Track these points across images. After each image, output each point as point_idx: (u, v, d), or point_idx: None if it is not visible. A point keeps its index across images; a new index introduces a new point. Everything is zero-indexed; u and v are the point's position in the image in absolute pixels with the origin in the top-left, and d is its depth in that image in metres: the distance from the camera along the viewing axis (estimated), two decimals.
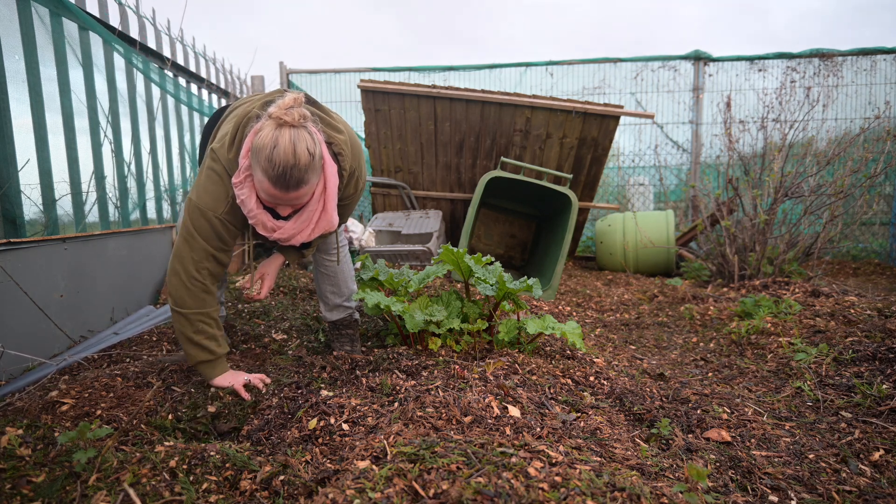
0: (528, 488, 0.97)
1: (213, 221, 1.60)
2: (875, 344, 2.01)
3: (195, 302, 1.63)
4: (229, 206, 1.61)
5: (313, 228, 1.65)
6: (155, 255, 2.96)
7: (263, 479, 1.15)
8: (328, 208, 1.65)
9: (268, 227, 1.60)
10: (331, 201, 1.64)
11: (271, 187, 1.47)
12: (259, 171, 1.46)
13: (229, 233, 1.66)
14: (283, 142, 1.42)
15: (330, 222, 1.67)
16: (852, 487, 1.20)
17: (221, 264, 1.68)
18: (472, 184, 4.59)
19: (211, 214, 1.60)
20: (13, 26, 2.18)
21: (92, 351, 1.98)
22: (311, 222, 1.64)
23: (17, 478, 1.13)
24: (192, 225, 1.60)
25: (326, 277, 2.15)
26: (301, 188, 1.50)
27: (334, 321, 2.20)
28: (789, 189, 3.69)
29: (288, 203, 1.54)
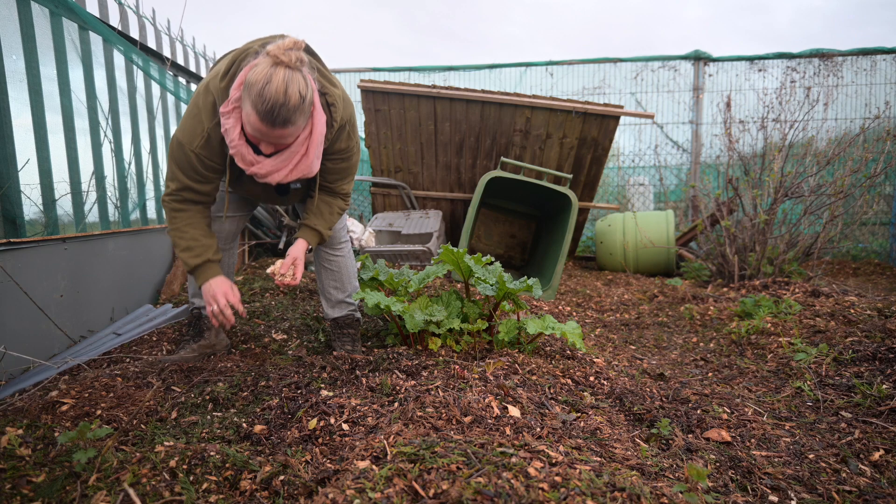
0: (528, 488, 0.97)
1: (188, 155, 1.69)
2: (875, 344, 2.01)
3: (170, 220, 1.79)
4: (203, 141, 1.67)
5: (291, 170, 1.67)
6: (155, 255, 2.96)
7: (263, 479, 1.15)
8: (310, 153, 1.68)
9: (247, 159, 1.63)
10: (314, 147, 1.67)
11: (258, 121, 1.50)
12: (248, 105, 1.49)
13: (205, 166, 1.72)
14: (277, 80, 1.45)
15: (309, 167, 1.70)
16: (852, 487, 1.20)
17: (202, 193, 1.79)
18: (472, 184, 4.59)
19: (187, 148, 1.68)
20: (13, 25, 2.18)
21: (93, 354, 1.98)
22: (290, 163, 1.66)
23: (17, 478, 1.13)
24: (171, 156, 1.74)
25: (330, 273, 2.16)
26: (287, 128, 1.52)
27: (336, 318, 2.20)
28: (789, 189, 3.69)
29: (272, 140, 1.57)
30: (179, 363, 1.93)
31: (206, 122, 1.67)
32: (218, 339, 2.15)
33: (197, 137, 1.68)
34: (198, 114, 1.67)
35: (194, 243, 1.79)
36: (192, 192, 1.77)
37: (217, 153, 1.71)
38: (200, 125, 1.67)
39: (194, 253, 1.79)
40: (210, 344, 2.11)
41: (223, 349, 2.17)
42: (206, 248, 1.81)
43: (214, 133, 1.67)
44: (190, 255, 1.78)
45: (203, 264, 1.80)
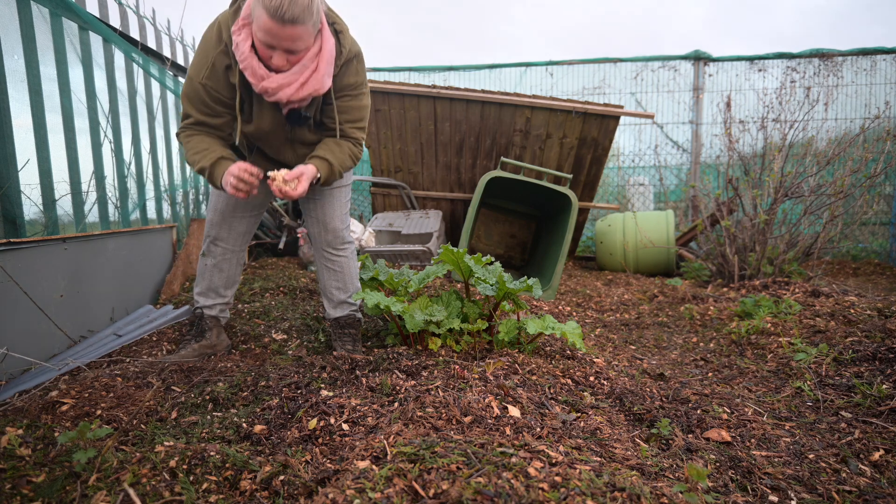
0: (528, 488, 0.97)
1: (196, 88, 1.76)
2: (875, 344, 2.01)
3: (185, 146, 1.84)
4: (209, 71, 1.74)
5: (302, 84, 1.70)
6: (155, 255, 2.96)
7: (263, 479, 1.15)
8: (320, 69, 1.72)
9: (257, 73, 1.67)
10: (325, 64, 1.72)
11: (268, 20, 1.54)
12: (259, 8, 1.55)
13: (212, 98, 1.78)
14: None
15: (321, 82, 1.73)
16: (852, 487, 1.20)
17: (214, 127, 1.84)
18: (472, 184, 4.59)
19: (195, 81, 1.75)
20: (13, 25, 2.18)
21: (94, 355, 1.98)
22: (301, 76, 1.69)
23: (17, 478, 1.13)
24: (183, 93, 1.81)
25: (332, 273, 2.17)
26: (296, 26, 1.56)
27: (337, 318, 2.21)
28: (789, 189, 3.69)
29: (283, 44, 1.60)
30: (180, 363, 1.93)
31: (211, 50, 1.73)
32: (219, 339, 2.15)
33: (203, 68, 1.74)
34: (204, 46, 1.75)
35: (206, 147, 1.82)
36: (203, 125, 1.84)
37: (223, 83, 1.76)
38: (206, 56, 1.74)
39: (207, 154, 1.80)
40: (211, 344, 2.11)
41: (224, 349, 2.17)
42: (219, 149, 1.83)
43: (219, 60, 1.73)
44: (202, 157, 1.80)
45: (218, 161, 1.80)
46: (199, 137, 1.83)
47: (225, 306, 2.20)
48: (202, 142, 1.83)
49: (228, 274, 2.15)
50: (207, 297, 2.14)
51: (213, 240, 2.09)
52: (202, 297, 2.16)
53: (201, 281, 2.15)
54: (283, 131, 1.91)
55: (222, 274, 2.13)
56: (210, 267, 2.12)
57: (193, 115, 1.81)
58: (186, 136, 1.85)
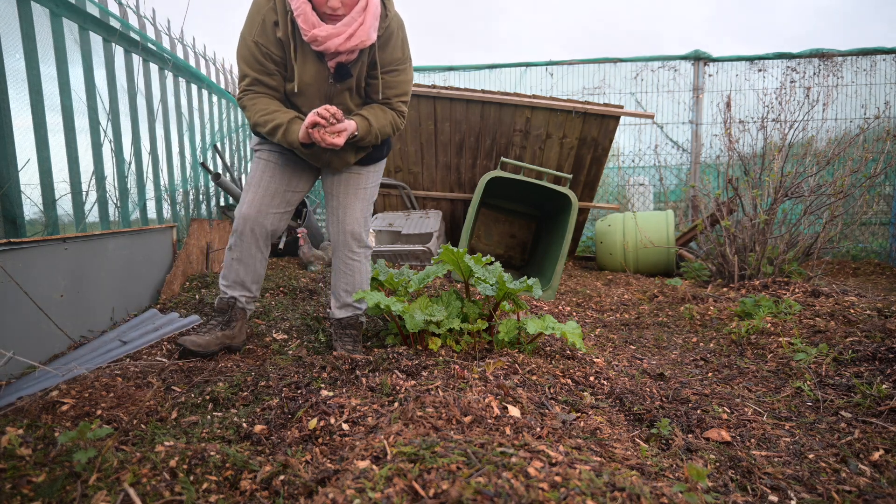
0: (528, 488, 0.97)
1: (249, 46, 1.85)
2: (875, 344, 2.01)
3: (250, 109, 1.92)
4: (259, 28, 1.83)
5: (350, 35, 1.80)
6: (155, 255, 2.96)
7: (263, 479, 1.15)
8: (367, 23, 1.82)
9: (309, 20, 1.77)
10: (370, 19, 1.82)
11: None
12: None
13: (263, 54, 1.86)
14: None
15: (367, 34, 1.82)
16: (852, 487, 1.20)
17: (271, 87, 1.92)
18: (472, 184, 4.58)
19: (248, 40, 1.84)
20: (13, 25, 2.18)
21: (99, 361, 1.97)
22: (350, 28, 1.80)
23: (17, 478, 1.13)
24: (238, 54, 1.89)
25: (344, 275, 2.18)
26: None
27: (341, 319, 2.21)
28: (789, 189, 3.70)
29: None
30: (194, 347, 1.99)
31: (263, 6, 1.82)
32: (240, 332, 2.16)
33: (254, 26, 1.83)
34: (255, 5, 1.84)
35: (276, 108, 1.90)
36: (261, 84, 1.91)
37: (272, 41, 1.84)
38: (257, 13, 1.83)
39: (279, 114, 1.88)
40: (233, 335, 2.12)
41: (240, 344, 2.18)
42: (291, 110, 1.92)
43: (268, 17, 1.81)
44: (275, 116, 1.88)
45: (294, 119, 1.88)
46: (264, 99, 1.91)
47: (251, 300, 2.20)
48: (270, 104, 1.91)
49: (254, 269, 2.14)
50: (234, 290, 2.15)
51: (240, 234, 2.09)
52: (230, 289, 2.15)
53: (228, 274, 2.15)
54: (325, 87, 1.96)
55: (248, 269, 2.12)
56: (234, 261, 2.12)
57: (250, 75, 1.88)
58: (250, 99, 1.92)
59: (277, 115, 1.89)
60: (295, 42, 1.86)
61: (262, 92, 1.92)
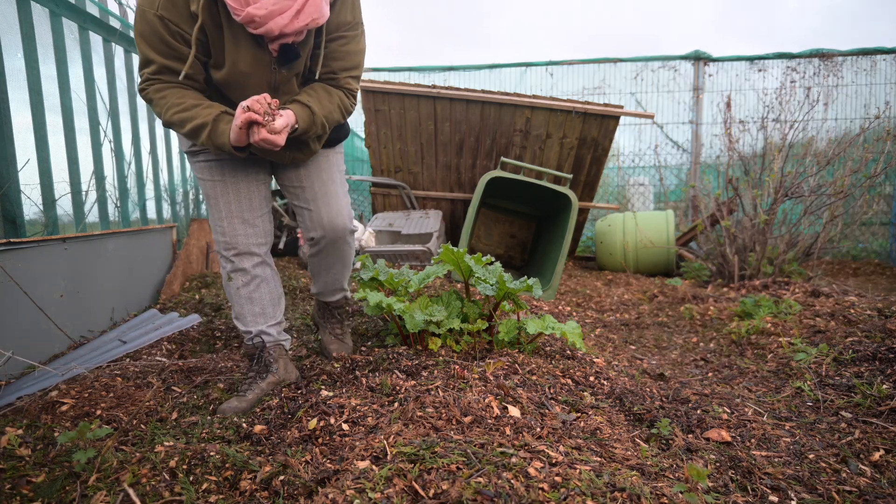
0: (528, 488, 0.97)
1: (151, 21, 1.36)
2: (875, 344, 2.01)
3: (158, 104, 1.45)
4: None
5: (298, 11, 1.37)
6: (155, 255, 2.96)
7: (263, 479, 1.15)
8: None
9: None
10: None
11: None
12: None
13: (171, 33, 1.38)
14: None
15: (318, 9, 1.40)
16: (852, 487, 1.20)
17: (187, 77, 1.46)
18: (472, 184, 4.59)
19: (149, 13, 1.36)
20: (13, 25, 2.18)
21: (99, 361, 1.97)
22: (297, 3, 1.36)
23: (17, 478, 1.13)
24: (136, 31, 1.41)
25: (341, 264, 2.01)
26: None
27: (330, 302, 2.09)
28: (789, 189, 3.70)
29: None
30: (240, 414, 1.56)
31: None
32: (287, 371, 1.78)
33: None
34: None
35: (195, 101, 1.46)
36: (171, 73, 1.44)
37: (184, 16, 1.37)
38: None
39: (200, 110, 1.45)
40: (280, 379, 1.74)
41: (295, 380, 1.79)
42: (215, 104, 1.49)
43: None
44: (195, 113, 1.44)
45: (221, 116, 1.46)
46: (176, 91, 1.45)
47: (280, 327, 1.83)
48: (185, 96, 1.45)
49: (268, 291, 1.78)
50: (257, 324, 1.77)
51: (231, 258, 1.72)
52: (252, 324, 1.77)
53: (241, 311, 1.76)
54: (267, 74, 1.53)
55: (261, 293, 1.76)
56: (241, 289, 1.74)
57: (155, 61, 1.41)
58: (157, 91, 1.44)
59: (197, 111, 1.44)
60: (219, 18, 1.40)
61: (172, 82, 1.45)
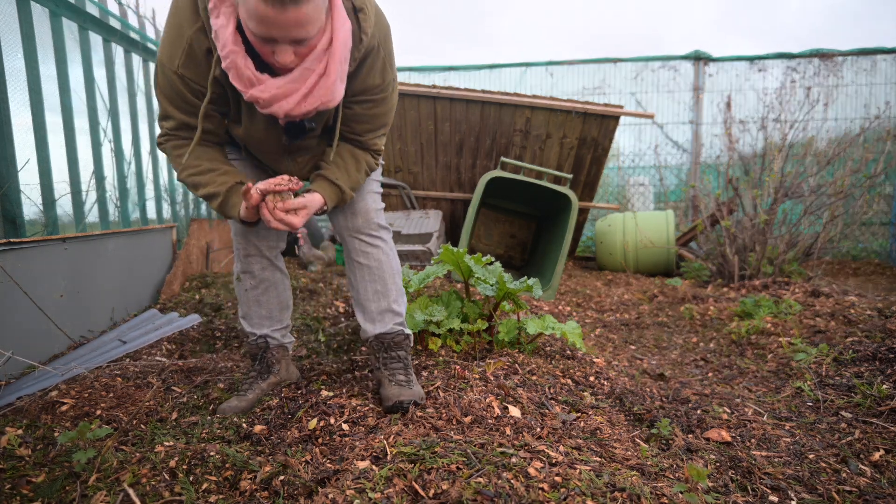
0: (528, 488, 0.97)
1: (171, 79, 1.31)
2: (875, 344, 2.01)
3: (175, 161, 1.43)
4: (186, 57, 1.29)
5: (305, 95, 1.25)
6: (155, 255, 2.96)
7: (263, 479, 1.15)
8: (330, 72, 1.25)
9: (244, 76, 1.22)
10: (336, 63, 1.25)
11: (260, 3, 1.09)
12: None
13: (193, 92, 1.33)
14: None
15: (330, 92, 1.27)
16: (852, 487, 1.20)
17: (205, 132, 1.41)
18: (472, 184, 4.59)
19: (168, 69, 1.30)
20: (13, 25, 2.18)
21: (99, 361, 1.97)
22: (305, 85, 1.24)
23: (17, 478, 1.13)
24: (156, 85, 1.37)
25: (367, 271, 1.63)
26: (301, 4, 1.10)
27: (380, 334, 1.63)
28: (789, 189, 3.70)
29: (285, 33, 1.15)
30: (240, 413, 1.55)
31: (187, 27, 1.26)
32: (289, 372, 1.77)
33: (178, 53, 1.28)
34: (176, 20, 1.28)
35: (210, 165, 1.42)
36: (192, 129, 1.39)
37: (205, 74, 1.31)
38: (180, 35, 1.28)
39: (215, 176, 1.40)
40: (281, 380, 1.73)
41: (295, 380, 1.79)
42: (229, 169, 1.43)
43: (197, 42, 1.27)
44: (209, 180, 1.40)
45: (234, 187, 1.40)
46: (194, 150, 1.41)
47: (285, 330, 1.78)
48: (201, 157, 1.41)
49: (276, 295, 1.72)
50: (262, 327, 1.73)
51: (244, 257, 1.67)
52: (257, 327, 1.73)
53: (248, 311, 1.72)
54: (280, 142, 1.49)
55: (269, 296, 1.71)
56: (250, 291, 1.70)
57: (174, 117, 1.37)
58: (175, 147, 1.41)
59: (211, 177, 1.39)
60: None
61: (191, 138, 1.41)
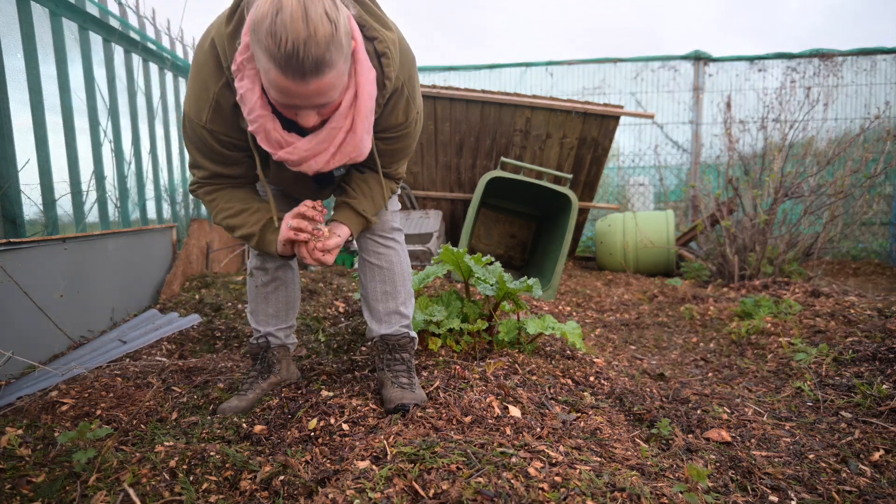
0: (528, 488, 0.97)
1: (200, 133, 1.31)
2: (875, 344, 2.01)
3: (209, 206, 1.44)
4: (212, 112, 1.27)
5: (333, 153, 1.24)
6: (155, 255, 2.96)
7: (263, 479, 1.15)
8: (357, 128, 1.22)
9: (272, 139, 1.21)
10: (362, 119, 1.22)
11: (281, 77, 1.05)
12: (263, 56, 1.05)
13: (223, 144, 1.32)
14: (290, 4, 1.01)
15: (357, 148, 1.25)
16: (852, 487, 1.20)
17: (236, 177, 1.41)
18: (472, 184, 4.59)
19: (196, 124, 1.30)
20: (13, 25, 2.18)
21: (99, 361, 1.97)
22: (333, 144, 1.22)
23: (17, 478, 1.13)
24: (185, 136, 1.37)
25: (378, 272, 1.63)
26: (323, 74, 1.06)
27: (385, 336, 1.63)
28: (789, 189, 3.70)
29: (308, 101, 1.11)
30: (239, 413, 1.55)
31: (212, 84, 1.25)
32: (290, 372, 1.76)
33: (205, 108, 1.27)
34: (200, 76, 1.27)
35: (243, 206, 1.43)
36: (223, 177, 1.41)
37: (233, 126, 1.31)
38: (205, 91, 1.26)
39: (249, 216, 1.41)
40: (282, 379, 1.72)
41: (296, 380, 1.78)
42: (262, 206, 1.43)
43: (224, 98, 1.26)
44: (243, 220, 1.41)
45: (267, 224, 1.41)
46: (225, 193, 1.42)
47: (290, 330, 1.77)
48: (233, 198, 1.42)
49: (285, 294, 1.72)
50: (268, 324, 1.72)
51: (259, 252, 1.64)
52: (263, 324, 1.72)
53: (256, 308, 1.71)
54: (308, 186, 1.52)
55: (279, 295, 1.70)
56: (261, 288, 1.68)
57: (205, 167, 1.38)
58: (208, 193, 1.43)
59: (245, 217, 1.41)
60: None
61: (222, 185, 1.43)
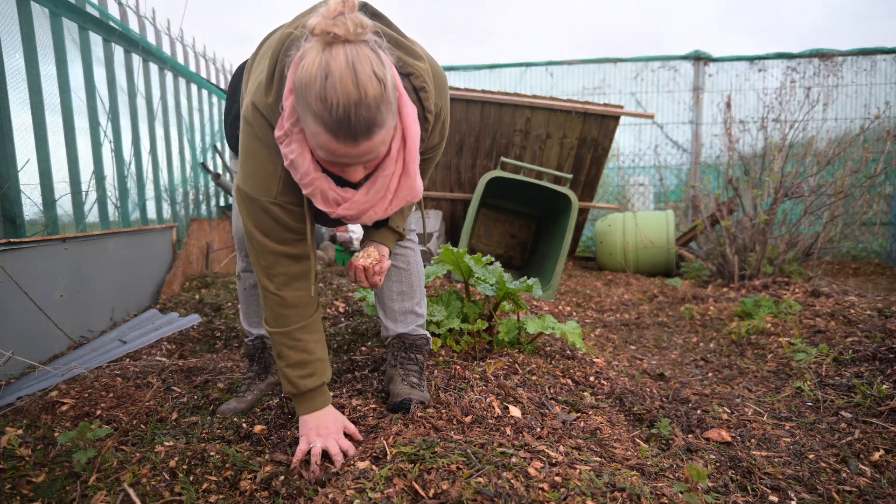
0: (528, 488, 0.97)
1: (270, 210, 1.21)
2: (875, 344, 2.01)
3: (274, 319, 1.29)
4: (282, 183, 1.20)
5: (391, 200, 1.18)
6: (155, 255, 2.96)
7: (263, 479, 1.15)
8: (410, 170, 1.16)
9: (330, 199, 1.15)
10: (413, 160, 1.16)
11: (332, 141, 1.01)
12: (311, 120, 1.01)
13: (294, 216, 1.24)
14: (338, 67, 0.95)
15: (413, 190, 1.20)
16: (852, 487, 1.20)
17: (300, 259, 1.28)
18: (472, 184, 4.59)
19: (265, 202, 1.20)
20: (13, 25, 2.18)
21: (99, 361, 1.97)
22: (389, 191, 1.17)
23: (17, 478, 1.13)
24: (248, 221, 1.24)
25: (395, 272, 1.62)
26: (374, 135, 1.02)
27: (402, 334, 1.61)
28: (789, 189, 3.70)
29: (357, 160, 1.06)
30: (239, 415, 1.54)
31: (267, 158, 1.19)
32: None
33: (274, 181, 1.19)
34: (260, 151, 1.19)
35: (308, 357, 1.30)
36: (289, 259, 1.26)
37: (297, 193, 1.22)
38: (272, 164, 1.18)
39: (307, 370, 1.30)
40: (277, 381, 1.72)
41: None
42: (321, 364, 1.32)
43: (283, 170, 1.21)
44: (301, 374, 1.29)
45: (318, 388, 1.31)
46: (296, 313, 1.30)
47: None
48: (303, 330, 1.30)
49: None
50: (260, 326, 1.70)
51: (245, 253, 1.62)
52: (255, 326, 1.70)
53: (247, 310, 1.69)
54: None
55: None
56: (250, 289, 1.66)
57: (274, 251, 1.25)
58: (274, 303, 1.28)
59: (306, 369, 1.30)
60: None
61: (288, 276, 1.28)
